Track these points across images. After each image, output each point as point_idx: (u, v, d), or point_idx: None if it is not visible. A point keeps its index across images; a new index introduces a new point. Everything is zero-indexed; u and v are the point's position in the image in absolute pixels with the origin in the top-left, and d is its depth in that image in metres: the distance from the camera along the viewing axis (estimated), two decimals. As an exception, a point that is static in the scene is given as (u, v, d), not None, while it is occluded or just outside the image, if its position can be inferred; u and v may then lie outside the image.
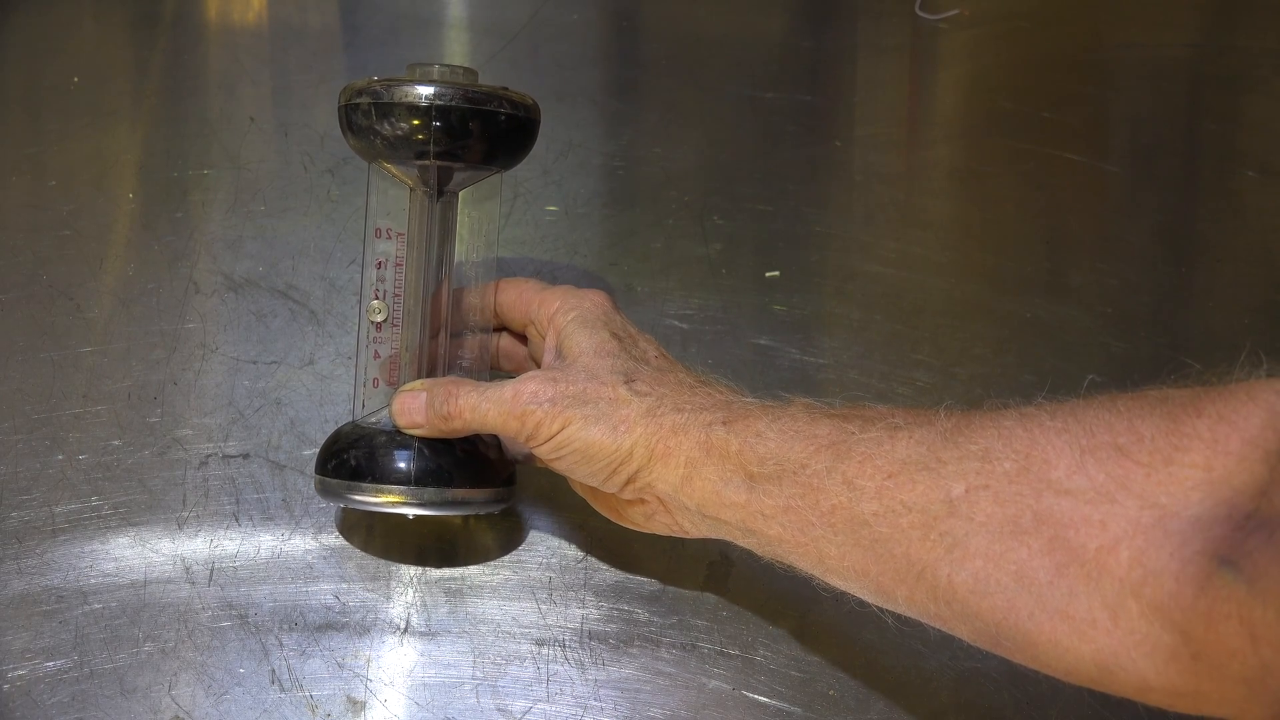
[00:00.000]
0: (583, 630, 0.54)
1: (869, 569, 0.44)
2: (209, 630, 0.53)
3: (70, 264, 0.67)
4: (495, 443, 0.54)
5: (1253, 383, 0.39)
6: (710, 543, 0.56)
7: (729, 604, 0.55)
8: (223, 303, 0.66)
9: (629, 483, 0.49)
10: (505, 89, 0.52)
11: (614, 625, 0.54)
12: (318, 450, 0.54)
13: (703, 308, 0.68)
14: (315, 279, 0.68)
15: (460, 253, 0.56)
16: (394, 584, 0.55)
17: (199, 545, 0.56)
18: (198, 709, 0.50)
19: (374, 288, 0.55)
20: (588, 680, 0.52)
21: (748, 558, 0.50)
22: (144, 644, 0.52)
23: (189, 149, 0.75)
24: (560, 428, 0.48)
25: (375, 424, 0.53)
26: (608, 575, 0.56)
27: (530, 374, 0.50)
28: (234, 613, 0.53)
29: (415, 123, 0.50)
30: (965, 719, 0.52)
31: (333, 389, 0.62)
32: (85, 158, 0.74)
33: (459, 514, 0.56)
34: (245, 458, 0.59)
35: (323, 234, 0.70)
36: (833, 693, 0.52)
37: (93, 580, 0.54)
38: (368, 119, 0.51)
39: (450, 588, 0.55)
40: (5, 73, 0.83)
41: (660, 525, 0.51)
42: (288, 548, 0.56)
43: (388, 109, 0.50)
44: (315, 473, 0.53)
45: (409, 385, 0.52)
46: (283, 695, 0.51)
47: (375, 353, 0.55)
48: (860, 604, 0.46)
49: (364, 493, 0.51)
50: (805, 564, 0.46)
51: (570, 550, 0.57)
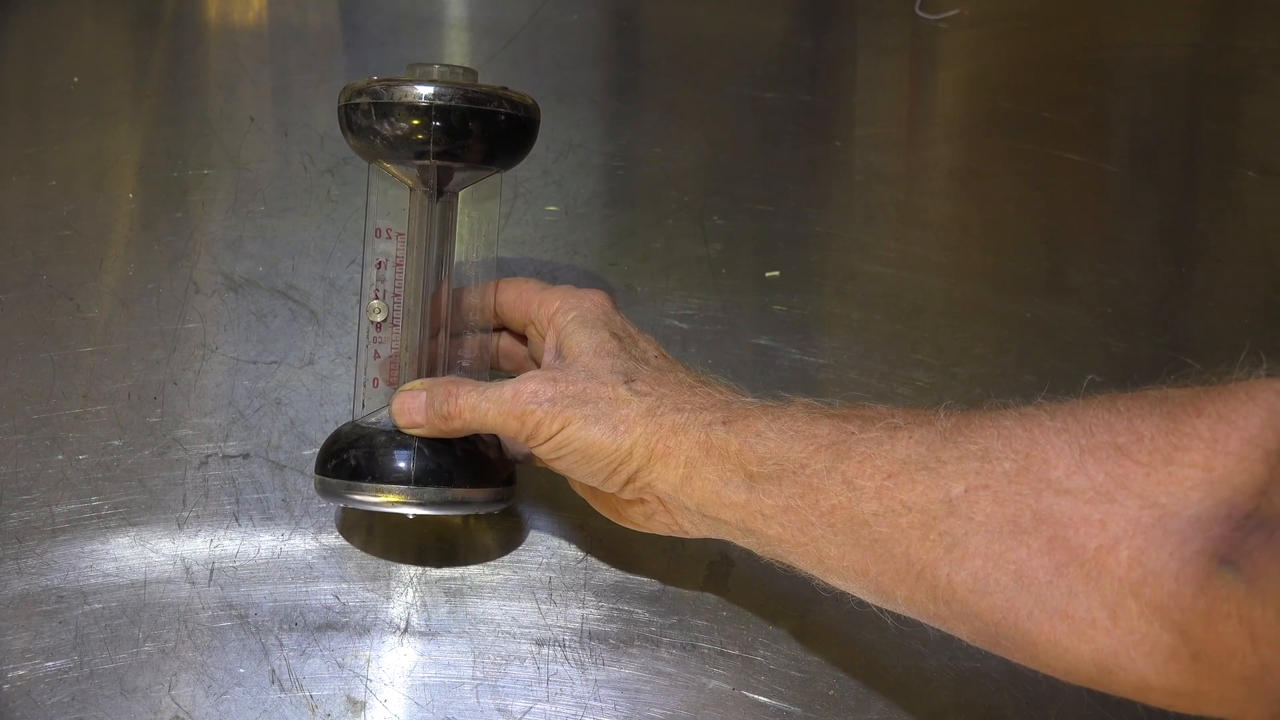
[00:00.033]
0: (583, 630, 0.54)
1: (868, 569, 0.44)
2: (209, 630, 0.53)
3: (70, 264, 0.67)
4: (495, 442, 0.54)
5: (1252, 382, 0.39)
6: (710, 543, 0.56)
7: (729, 604, 0.55)
8: (223, 303, 0.66)
9: (629, 482, 0.49)
10: (505, 89, 0.52)
11: (614, 625, 0.54)
12: (318, 450, 0.54)
13: (703, 308, 0.68)
14: (315, 279, 0.68)
15: (460, 253, 0.56)
16: (394, 584, 0.55)
17: (199, 545, 0.56)
18: (198, 709, 0.50)
19: (374, 287, 0.55)
20: (588, 680, 0.52)
21: (748, 558, 0.50)
22: (144, 644, 0.52)
23: (189, 149, 0.75)
24: (560, 427, 0.48)
25: (375, 424, 0.53)
26: (608, 575, 0.56)
27: (530, 374, 0.50)
28: (234, 613, 0.53)
29: (415, 122, 0.50)
30: (965, 719, 0.52)
31: (333, 389, 0.62)
32: (85, 158, 0.74)
33: (459, 514, 0.56)
34: (245, 458, 0.59)
35: (323, 234, 0.70)
36: (833, 693, 0.52)
37: (93, 580, 0.54)
38: (368, 119, 0.51)
39: (450, 588, 0.55)
40: (5, 73, 0.83)
41: (660, 525, 0.51)
42: (288, 548, 0.56)
43: (388, 109, 0.50)
44: (315, 472, 0.53)
45: (409, 385, 0.52)
46: (283, 695, 0.51)
47: (375, 352, 0.55)
48: (860, 604, 0.46)
49: (364, 492, 0.51)
50: (805, 564, 0.46)
51: (570, 550, 0.57)
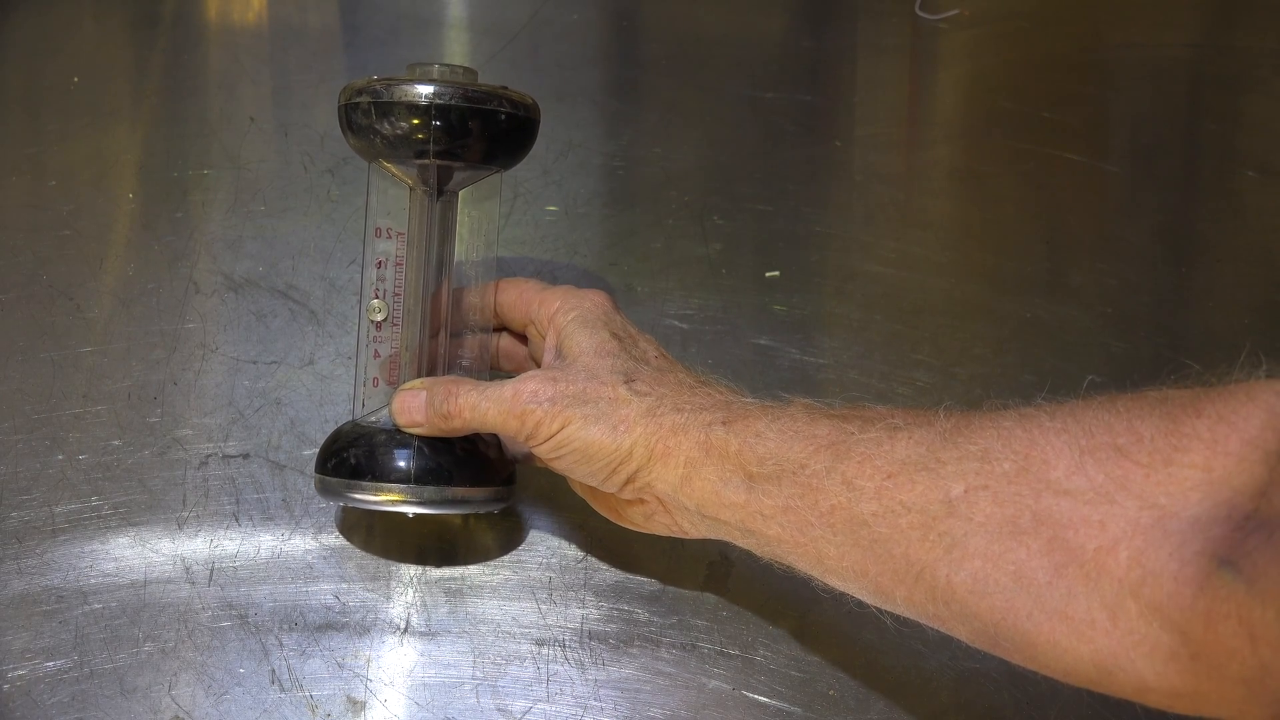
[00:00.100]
0: (583, 630, 0.54)
1: (868, 569, 0.44)
2: (209, 630, 0.53)
3: (70, 264, 0.67)
4: (495, 442, 0.54)
5: (1252, 383, 0.39)
6: (710, 543, 0.56)
7: (729, 604, 0.55)
8: (223, 303, 0.66)
9: (628, 482, 0.49)
10: (505, 88, 0.52)
11: (614, 625, 0.54)
12: (318, 450, 0.54)
13: (703, 308, 0.68)
14: (315, 279, 0.68)
15: (460, 252, 0.56)
16: (394, 584, 0.55)
17: (199, 545, 0.56)
18: (198, 709, 0.50)
19: (374, 287, 0.55)
20: (588, 680, 0.52)
21: (748, 558, 0.50)
22: (144, 644, 0.52)
23: (189, 149, 0.75)
24: (560, 427, 0.48)
25: (375, 423, 0.53)
26: (608, 575, 0.56)
27: (530, 373, 0.50)
28: (234, 613, 0.53)
29: (415, 122, 0.50)
30: (965, 719, 0.52)
31: (333, 389, 0.62)
32: (85, 158, 0.74)
33: (459, 513, 0.56)
34: (245, 458, 0.59)
35: (323, 234, 0.70)
36: (833, 693, 0.52)
37: (93, 580, 0.54)
38: (368, 118, 0.51)
39: (450, 588, 0.55)
40: (5, 73, 0.83)
41: (659, 525, 0.51)
42: (288, 548, 0.56)
43: (388, 108, 0.50)
44: (315, 471, 0.53)
45: (409, 384, 0.52)
46: (283, 695, 0.51)
47: (375, 352, 0.55)
48: (860, 604, 0.46)
49: (364, 491, 0.51)
50: (804, 564, 0.46)
51: (570, 550, 0.57)
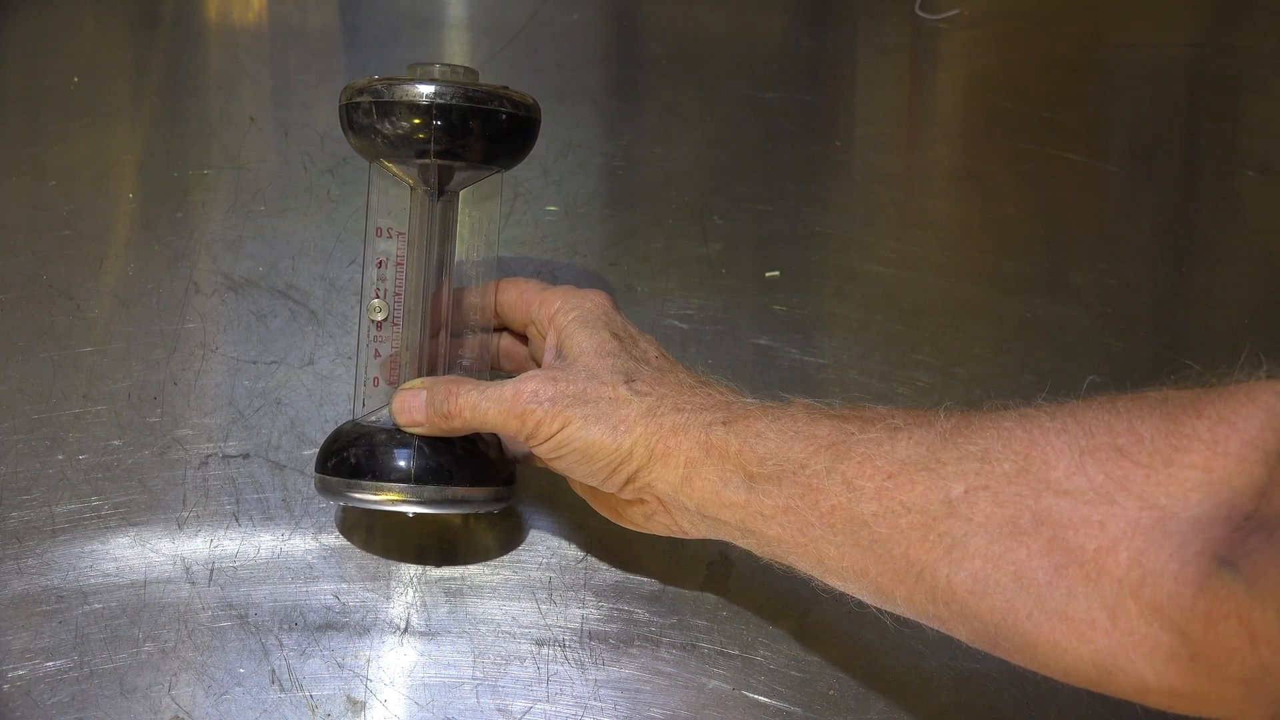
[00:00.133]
0: (583, 630, 0.54)
1: (868, 569, 0.44)
2: (209, 630, 0.53)
3: (70, 264, 0.67)
4: (495, 442, 0.54)
5: (1252, 384, 0.39)
6: (710, 543, 0.56)
7: (729, 604, 0.55)
8: (223, 303, 0.66)
9: (628, 482, 0.49)
10: (506, 88, 0.52)
11: (614, 625, 0.54)
12: (318, 449, 0.54)
13: (703, 308, 0.68)
14: (315, 279, 0.68)
15: (461, 252, 0.56)
16: (394, 584, 0.55)
17: (199, 545, 0.56)
18: (198, 709, 0.50)
19: (375, 286, 0.55)
20: (588, 680, 0.52)
21: (748, 558, 0.50)
22: (144, 644, 0.52)
23: (189, 149, 0.75)
24: (560, 427, 0.48)
25: (375, 422, 0.53)
26: (608, 575, 0.56)
27: (530, 373, 0.50)
28: (234, 613, 0.53)
29: (416, 121, 0.50)
30: (965, 719, 0.52)
31: (333, 389, 0.62)
32: (85, 158, 0.74)
33: (459, 512, 0.56)
34: (245, 458, 0.59)
35: (323, 234, 0.70)
36: (833, 693, 0.52)
37: (93, 580, 0.54)
38: (369, 118, 0.51)
39: (450, 588, 0.55)
40: (5, 73, 0.83)
41: (660, 525, 0.51)
42: (288, 548, 0.56)
43: (389, 108, 0.50)
44: (315, 471, 0.53)
45: (409, 384, 0.52)
46: (283, 695, 0.51)
47: (376, 351, 0.55)
48: (859, 604, 0.46)
49: (364, 490, 0.51)
50: (804, 564, 0.46)
51: (570, 550, 0.57)
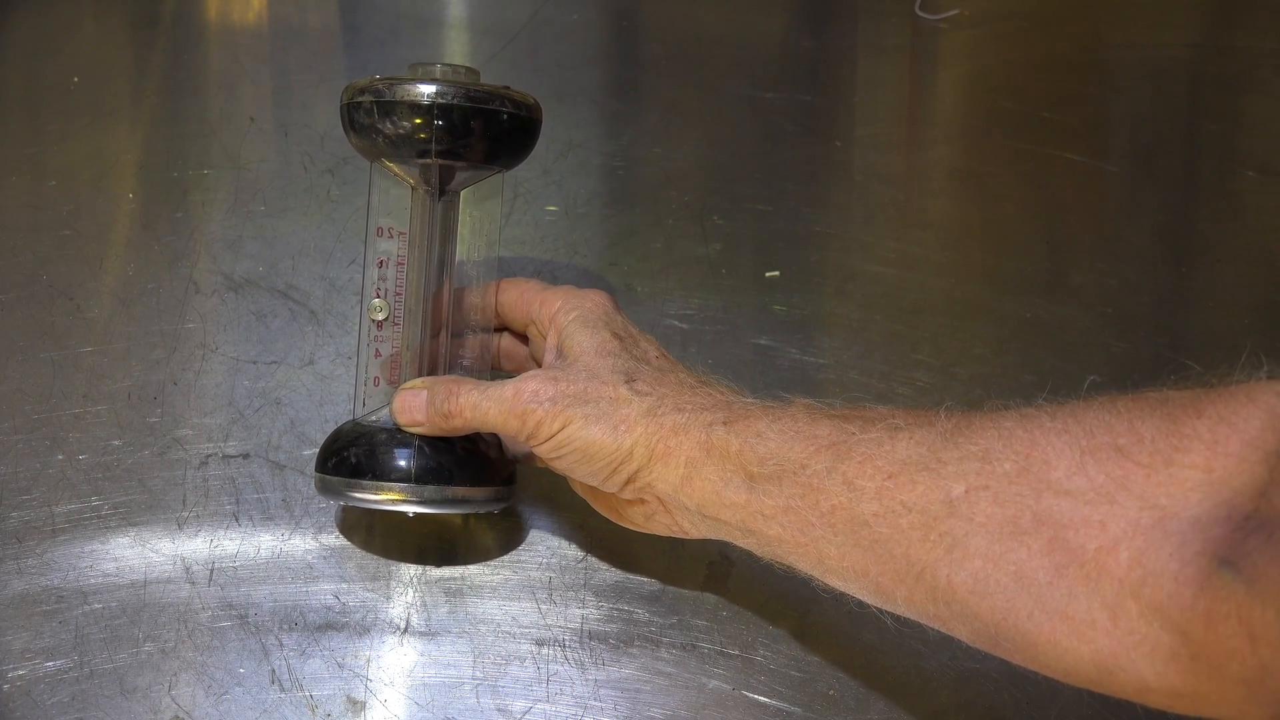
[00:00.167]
0: (583, 630, 0.54)
1: (869, 569, 0.44)
2: (209, 630, 0.53)
3: (70, 264, 0.67)
4: (496, 442, 0.54)
5: (1253, 384, 0.39)
6: (710, 543, 0.56)
7: (729, 604, 0.55)
8: (223, 303, 0.66)
9: (629, 482, 0.49)
10: (507, 88, 0.52)
11: (614, 625, 0.54)
12: (318, 449, 0.54)
13: (703, 308, 0.68)
14: (315, 279, 0.68)
15: (461, 252, 0.56)
16: (394, 584, 0.55)
17: (199, 545, 0.56)
18: (198, 709, 0.50)
19: (375, 286, 0.55)
20: (588, 680, 0.52)
21: (748, 558, 0.50)
22: (144, 644, 0.52)
23: (189, 149, 0.75)
24: (561, 427, 0.48)
25: (376, 422, 0.53)
26: (608, 575, 0.56)
27: (531, 373, 0.50)
28: (234, 613, 0.53)
29: (418, 121, 0.50)
30: (965, 719, 0.52)
31: (333, 389, 0.62)
32: (85, 158, 0.74)
33: (459, 512, 0.56)
34: (245, 458, 0.59)
35: (323, 234, 0.70)
36: (833, 693, 0.52)
37: (93, 580, 0.54)
38: (370, 117, 0.51)
39: (450, 588, 0.55)
40: (5, 73, 0.83)
41: (660, 525, 0.51)
42: (288, 548, 0.56)
43: (390, 107, 0.50)
44: (315, 470, 0.53)
45: (410, 383, 0.52)
46: (283, 695, 0.51)
47: (376, 351, 0.55)
48: (860, 604, 0.46)
49: (364, 490, 0.51)
50: (805, 564, 0.46)
51: (570, 550, 0.57)
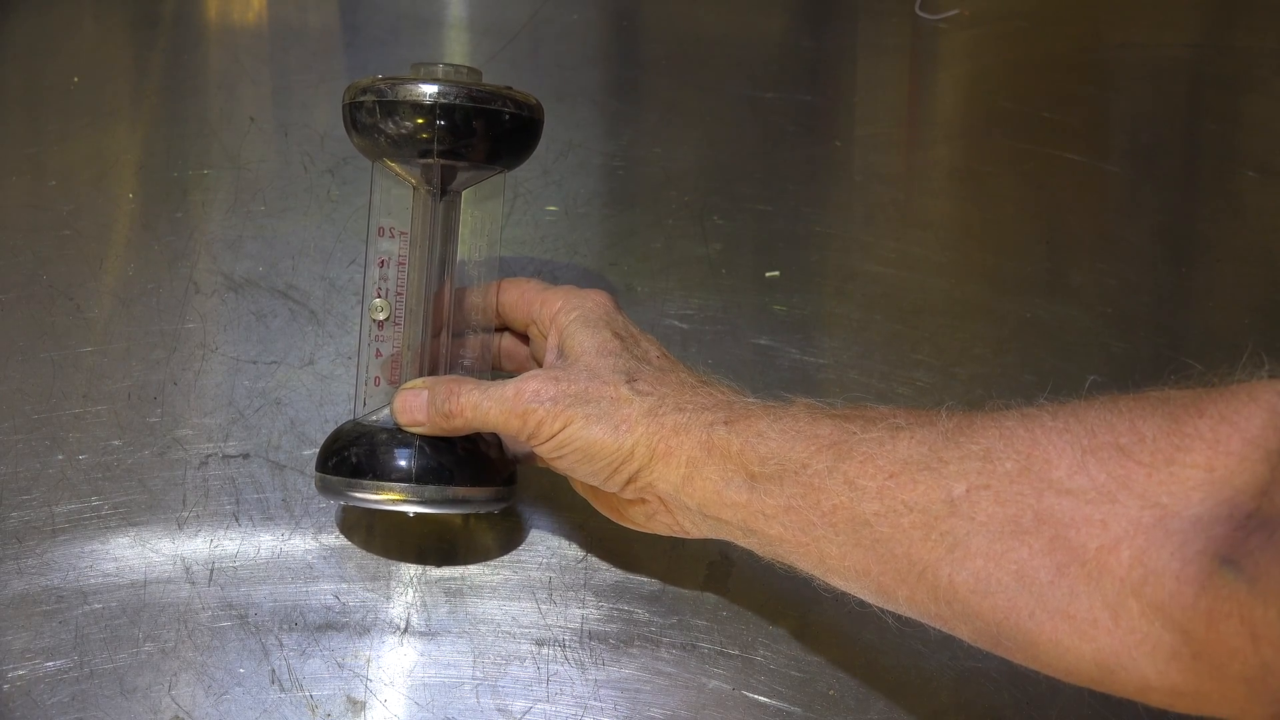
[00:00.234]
0: (583, 630, 0.54)
1: (870, 569, 0.44)
2: (209, 630, 0.53)
3: (70, 264, 0.67)
4: (496, 442, 0.54)
5: (1254, 383, 0.39)
6: (710, 543, 0.56)
7: (729, 604, 0.55)
8: (223, 303, 0.66)
9: (630, 482, 0.49)
10: (509, 88, 0.52)
11: (614, 625, 0.54)
12: (318, 449, 0.54)
13: (703, 308, 0.68)
14: (315, 279, 0.67)
15: (462, 252, 0.56)
16: (394, 584, 0.55)
17: (199, 545, 0.55)
18: (198, 709, 0.50)
19: (376, 286, 0.55)
20: (588, 680, 0.52)
21: (748, 558, 0.50)
22: (144, 644, 0.52)
23: (189, 149, 0.75)
24: (561, 426, 0.48)
25: (376, 422, 0.53)
26: (608, 575, 0.56)
27: (532, 373, 0.50)
28: (234, 613, 0.53)
29: (419, 121, 0.50)
30: (965, 719, 0.52)
31: (333, 389, 0.62)
32: (85, 158, 0.74)
33: (459, 512, 0.56)
34: (245, 458, 0.59)
35: (323, 234, 0.70)
36: (833, 693, 0.52)
37: (93, 580, 0.54)
38: (372, 117, 0.51)
39: (450, 588, 0.55)
40: (5, 73, 0.83)
41: (661, 525, 0.51)
42: (288, 548, 0.56)
43: (392, 107, 0.50)
44: (316, 470, 0.53)
45: (410, 383, 0.52)
46: (283, 695, 0.51)
47: (377, 351, 0.55)
48: (860, 604, 0.46)
49: (365, 490, 0.51)
50: (806, 564, 0.46)
51: (570, 550, 0.57)
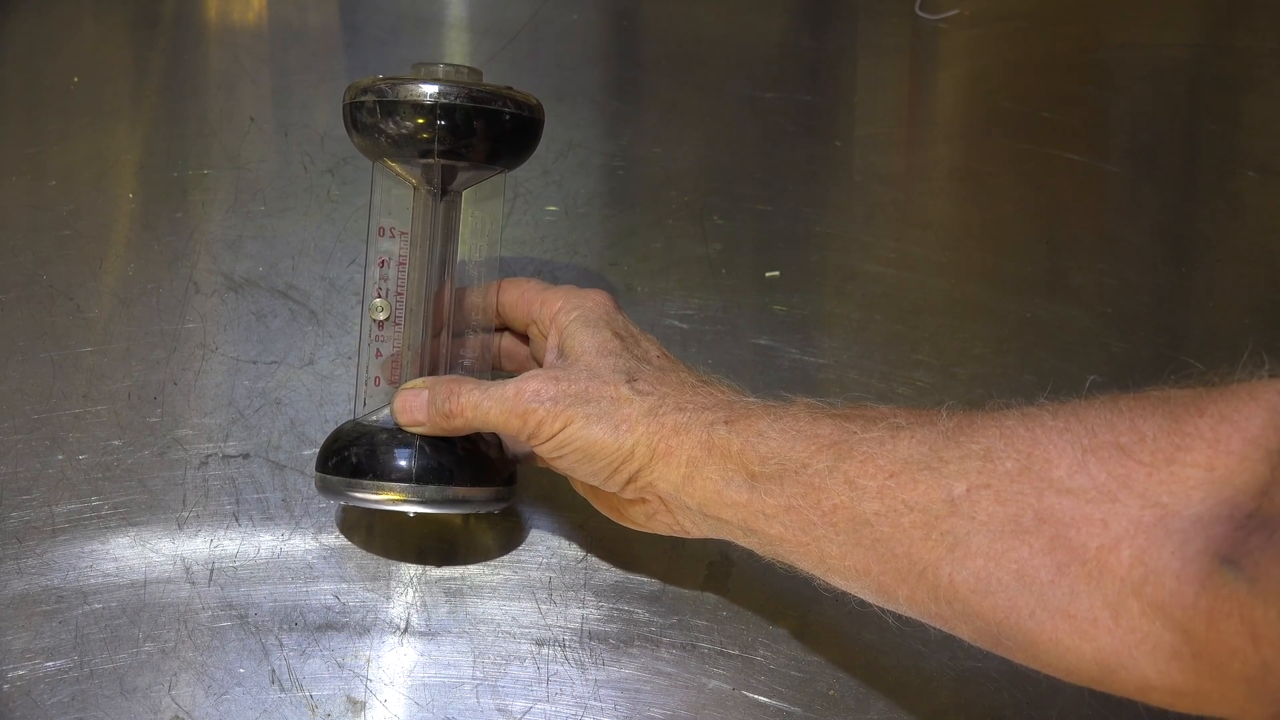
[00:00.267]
0: (583, 630, 0.54)
1: (870, 568, 0.44)
2: (209, 630, 0.53)
3: (70, 264, 0.67)
4: (496, 441, 0.54)
5: (1255, 383, 0.39)
6: (710, 543, 0.55)
7: (729, 604, 0.55)
8: (223, 303, 0.66)
9: (630, 482, 0.49)
10: (510, 88, 0.52)
11: (614, 625, 0.54)
12: (318, 449, 0.54)
13: (703, 308, 0.68)
14: (315, 279, 0.67)
15: (463, 252, 0.56)
16: (394, 584, 0.55)
17: (199, 545, 0.55)
18: (198, 709, 0.50)
19: (376, 286, 0.55)
20: (588, 680, 0.52)
21: (748, 558, 0.50)
22: (144, 644, 0.52)
23: (189, 149, 0.75)
24: (562, 426, 0.48)
25: (376, 422, 0.53)
26: (608, 575, 0.56)
27: (532, 373, 0.50)
28: (234, 613, 0.53)
29: (420, 121, 0.50)
30: (965, 719, 0.52)
31: (333, 389, 0.62)
32: (85, 158, 0.74)
33: (459, 512, 0.56)
34: (245, 458, 0.59)
35: (323, 234, 0.70)
36: (833, 693, 0.52)
37: (93, 580, 0.54)
38: (373, 117, 0.51)
39: (450, 588, 0.55)
40: (5, 73, 0.83)
41: (661, 525, 0.51)
42: (288, 548, 0.56)
43: (393, 107, 0.50)
44: (316, 470, 0.53)
45: (411, 383, 0.52)
46: (283, 695, 0.51)
47: (377, 351, 0.55)
48: (861, 604, 0.46)
49: (365, 490, 0.51)
50: (806, 564, 0.46)
51: (570, 550, 0.57)
